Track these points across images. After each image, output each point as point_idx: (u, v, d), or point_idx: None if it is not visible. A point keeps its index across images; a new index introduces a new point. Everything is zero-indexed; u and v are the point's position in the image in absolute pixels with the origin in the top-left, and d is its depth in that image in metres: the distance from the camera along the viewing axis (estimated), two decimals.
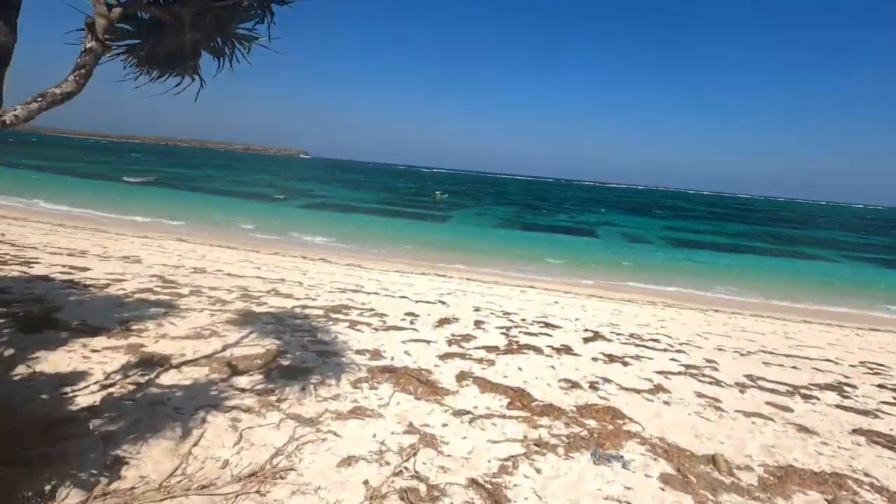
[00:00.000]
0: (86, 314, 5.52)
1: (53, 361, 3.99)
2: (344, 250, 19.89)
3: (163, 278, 8.92)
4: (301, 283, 10.60)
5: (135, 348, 4.55)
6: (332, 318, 7.04)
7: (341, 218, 31.68)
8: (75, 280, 7.63)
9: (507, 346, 6.61)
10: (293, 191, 50.99)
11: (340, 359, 5.03)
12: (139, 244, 15.23)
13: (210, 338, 5.23)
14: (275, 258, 15.65)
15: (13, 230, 14.69)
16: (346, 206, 39.49)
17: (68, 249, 11.65)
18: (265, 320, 6.43)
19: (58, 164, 55.09)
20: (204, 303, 7.12)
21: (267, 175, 77.18)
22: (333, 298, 8.88)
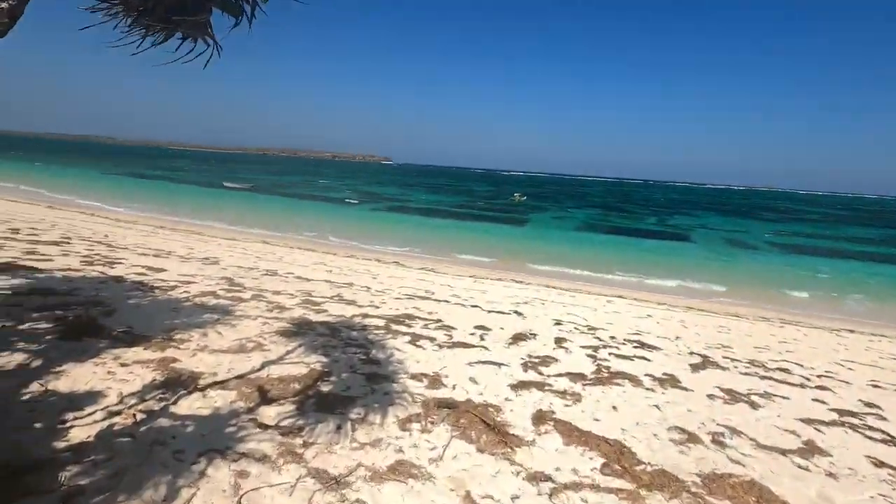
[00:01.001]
0: (135, 320, 5.22)
1: (74, 377, 3.56)
2: (417, 254, 19.41)
3: (231, 280, 8.78)
4: (369, 287, 10.07)
5: (166, 363, 4.06)
6: (392, 331, 6.29)
7: (417, 221, 31.52)
8: (145, 282, 7.61)
9: (595, 374, 5.43)
10: (373, 195, 52.20)
11: (392, 385, 4.22)
12: (225, 246, 15.77)
13: (252, 352, 4.67)
14: (349, 261, 15.45)
15: (118, 232, 15.82)
16: (423, 210, 39.45)
17: (156, 250, 12.12)
18: (319, 331, 5.82)
19: (172, 173, 61.23)
20: (261, 309, 6.70)
21: (351, 180, 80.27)
22: (399, 306, 8.17)
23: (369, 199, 46.78)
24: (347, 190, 56.92)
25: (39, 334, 4.37)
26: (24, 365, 3.69)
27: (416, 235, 24.55)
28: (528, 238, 27.30)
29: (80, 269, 7.96)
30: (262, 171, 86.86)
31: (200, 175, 62.80)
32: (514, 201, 55.18)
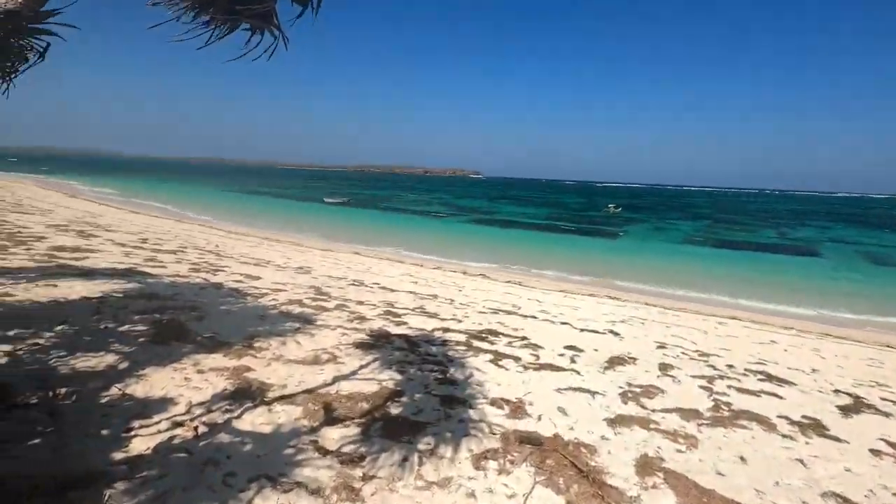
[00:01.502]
0: (222, 326, 5.33)
1: (152, 382, 3.57)
2: (504, 267, 18.83)
3: (318, 289, 8.93)
4: (452, 300, 9.75)
5: (240, 372, 3.98)
6: (473, 348, 5.85)
7: (505, 234, 30.95)
8: (241, 289, 7.94)
9: (713, 412, 4.52)
10: (461, 208, 52.52)
11: (468, 411, 3.76)
12: (319, 256, 16.46)
13: (325, 364, 4.48)
14: (435, 273, 15.33)
15: (228, 243, 17.21)
16: (511, 222, 38.77)
17: (257, 260, 12.89)
18: (396, 344, 5.55)
19: (280, 190, 66.83)
20: (342, 319, 6.62)
21: (441, 194, 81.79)
22: (482, 321, 7.72)
23: (458, 212, 47.11)
24: (437, 203, 57.94)
25: (134, 336, 4.55)
26: (112, 366, 3.78)
27: (503, 248, 24.01)
28: (625, 251, 25.49)
29: (187, 276, 8.55)
30: (359, 187, 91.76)
31: (304, 191, 67.79)
32: (608, 213, 52.44)
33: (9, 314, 4.77)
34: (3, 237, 10.49)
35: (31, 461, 2.33)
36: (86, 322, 4.81)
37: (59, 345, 4.08)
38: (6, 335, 4.14)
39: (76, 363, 3.73)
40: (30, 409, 2.91)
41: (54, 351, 3.92)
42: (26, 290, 5.77)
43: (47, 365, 3.62)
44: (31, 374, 3.43)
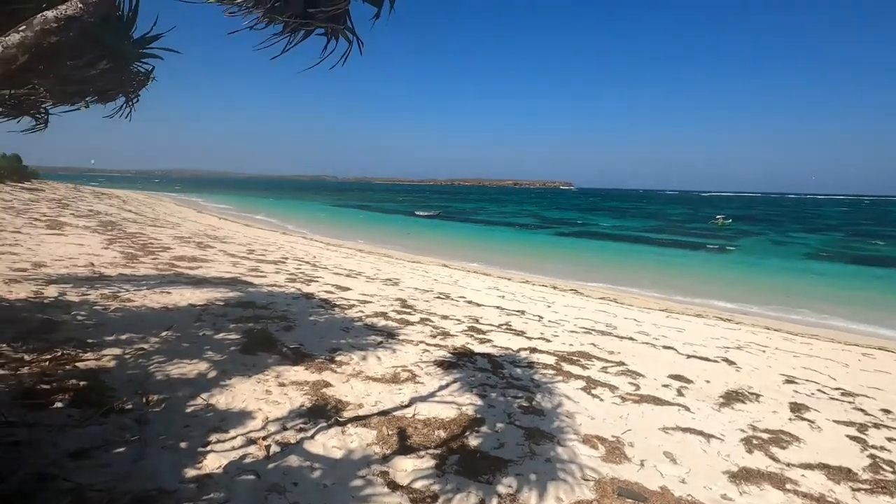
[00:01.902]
0: (308, 337, 5.39)
1: (235, 393, 3.61)
2: (598, 282, 17.73)
3: (404, 302, 8.90)
4: (541, 317, 9.23)
5: (318, 388, 3.91)
6: (563, 372, 5.35)
7: (599, 246, 29.40)
8: (330, 300, 8.14)
9: (871, 473, 3.61)
10: (552, 220, 51.10)
11: (556, 449, 3.33)
12: (408, 268, 16.70)
13: (404, 383, 4.29)
14: (523, 287, 14.81)
15: (325, 254, 18.12)
16: (605, 235, 36.82)
17: (349, 271, 13.33)
18: (479, 364, 5.23)
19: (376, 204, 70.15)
20: (425, 334, 6.46)
21: (530, 206, 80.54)
22: (573, 342, 7.14)
23: (547, 224, 45.88)
24: (526, 216, 57.02)
25: (226, 345, 4.71)
26: (203, 374, 3.90)
27: (595, 261, 22.75)
28: (736, 267, 22.91)
29: (283, 286, 8.98)
30: (449, 200, 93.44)
31: (397, 205, 70.48)
32: (716, 225, 47.90)
33: (126, 318, 5.21)
34: (137, 247, 11.87)
35: (112, 472, 2.35)
36: (188, 328, 5.10)
37: (161, 350, 4.32)
38: (119, 339, 4.47)
39: (172, 370, 3.89)
40: (123, 415, 3.01)
41: (156, 356, 4.14)
42: (144, 297, 6.33)
43: (147, 370, 3.81)
44: (132, 379, 3.61)
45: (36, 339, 4.08)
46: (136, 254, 10.73)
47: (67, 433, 2.62)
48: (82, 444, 2.55)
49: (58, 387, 3.25)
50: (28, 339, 4.06)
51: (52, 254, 9.19)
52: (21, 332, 4.20)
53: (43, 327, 4.42)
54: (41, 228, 13.38)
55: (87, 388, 3.32)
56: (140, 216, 24.23)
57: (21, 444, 2.39)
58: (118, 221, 19.04)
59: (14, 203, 21.06)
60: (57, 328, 4.48)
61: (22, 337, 4.09)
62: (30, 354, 3.74)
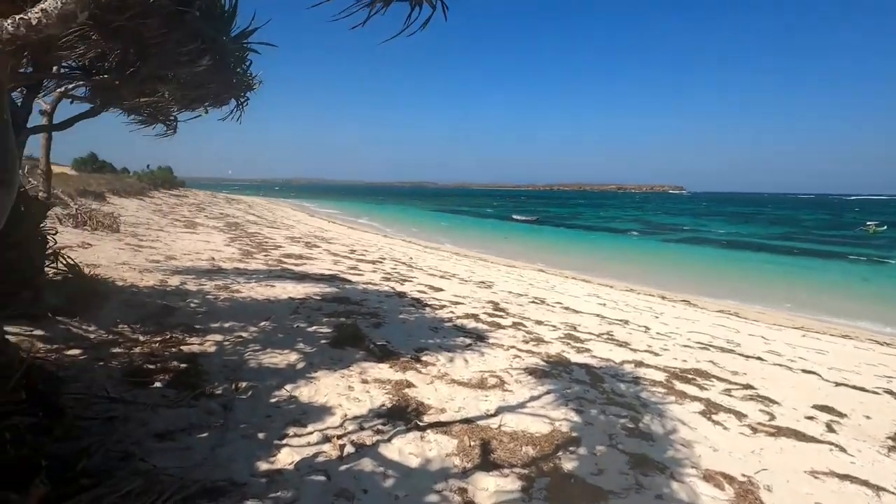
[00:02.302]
0: (395, 335, 5.29)
1: (318, 387, 3.56)
2: (714, 293, 15.85)
3: (497, 305, 8.57)
4: (647, 328, 8.34)
5: (402, 387, 3.74)
6: (675, 391, 4.64)
7: (715, 254, 26.48)
8: (422, 299, 8.08)
9: None
10: (660, 226, 47.38)
11: (669, 484, 2.77)
12: (503, 272, 16.32)
13: (491, 390, 3.96)
14: (627, 296, 13.70)
15: (422, 256, 18.41)
16: (723, 242, 33.14)
17: (443, 272, 13.32)
18: (575, 375, 4.73)
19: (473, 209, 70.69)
20: (517, 339, 6.06)
21: (636, 211, 75.67)
22: (686, 357, 6.28)
23: (654, 230, 42.59)
24: (630, 221, 53.58)
25: (317, 338, 4.76)
26: (291, 365, 3.92)
27: (711, 271, 20.48)
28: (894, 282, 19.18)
29: (378, 284, 9.12)
30: (548, 205, 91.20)
31: (494, 209, 70.29)
32: (867, 232, 40.91)
33: (232, 308, 5.52)
34: (253, 245, 12.94)
35: (190, 457, 2.33)
36: (284, 320, 5.26)
37: (257, 339, 4.46)
38: (223, 326, 4.70)
39: (264, 359, 3.97)
40: (212, 400, 3.06)
41: (252, 345, 4.27)
42: (251, 289, 6.73)
43: (241, 357, 3.92)
44: (227, 365, 3.72)
45: (153, 323, 4.42)
46: (251, 251, 11.68)
47: (159, 413, 2.70)
48: (169, 426, 2.59)
49: (161, 367, 3.42)
50: (146, 322, 4.40)
51: (182, 249, 10.30)
52: (142, 315, 4.59)
53: (161, 312, 4.80)
54: (179, 227, 15.22)
55: (186, 370, 3.46)
56: (260, 219, 26.73)
57: (115, 420, 2.49)
58: (241, 223, 21.11)
59: (163, 207, 24.38)
60: (172, 313, 4.84)
61: (142, 320, 4.45)
62: (144, 336, 4.03)
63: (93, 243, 8.61)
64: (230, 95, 5.39)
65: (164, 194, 33.96)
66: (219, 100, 5.31)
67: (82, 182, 23.39)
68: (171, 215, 19.72)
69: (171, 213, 20.69)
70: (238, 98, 5.45)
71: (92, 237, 9.38)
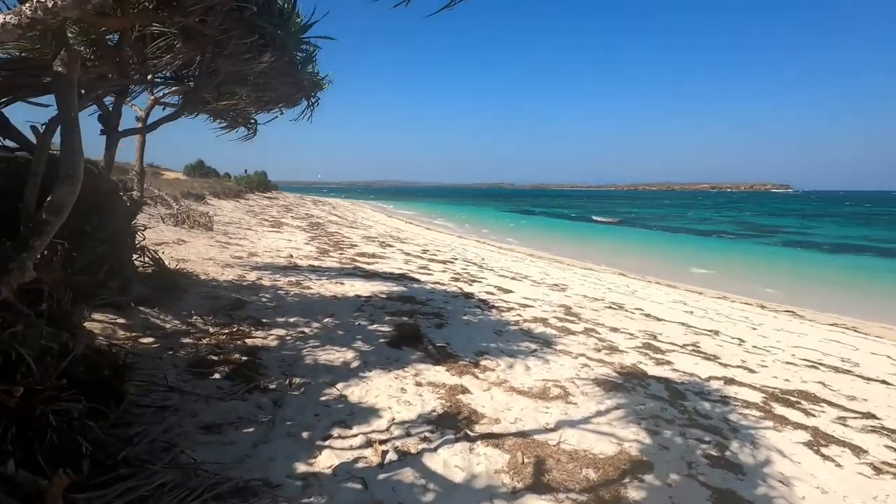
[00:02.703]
0: (456, 337, 5.13)
1: (370, 387, 3.47)
2: (824, 304, 13.96)
3: (569, 309, 8.12)
4: (742, 341, 7.46)
5: (455, 393, 3.55)
6: (773, 416, 4.01)
7: (827, 261, 23.43)
8: (489, 301, 7.84)
9: None
10: (760, 227, 43.02)
11: None
12: (579, 274, 15.58)
13: (553, 401, 3.65)
14: (719, 304, 12.47)
15: (495, 257, 18.14)
16: (838, 246, 29.29)
17: (515, 273, 12.96)
18: (652, 390, 4.25)
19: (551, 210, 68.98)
20: (588, 346, 5.64)
21: (731, 212, 69.49)
22: (790, 376, 5.48)
23: (753, 232, 38.74)
24: (725, 222, 49.23)
25: (377, 336, 4.71)
26: (347, 363, 3.89)
27: (819, 278, 18.12)
28: None
29: (446, 284, 9.02)
30: (631, 206, 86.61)
31: (573, 210, 68.02)
32: None
33: (300, 303, 5.66)
34: (331, 244, 13.45)
35: (231, 452, 2.32)
36: (347, 317, 5.29)
37: (318, 335, 4.50)
38: (288, 321, 4.81)
39: (321, 355, 3.97)
40: (265, 394, 3.08)
41: (312, 340, 4.30)
42: (321, 286, 6.90)
43: (300, 353, 3.95)
44: (285, 360, 3.76)
45: (224, 315, 4.62)
46: (327, 249, 12.13)
47: (210, 404, 2.73)
48: (217, 418, 2.61)
49: (223, 359, 3.52)
50: (219, 314, 4.61)
51: (265, 246, 10.93)
52: (216, 307, 4.82)
53: (234, 305, 5.02)
54: (266, 227, 16.26)
55: (245, 363, 3.53)
56: (341, 219, 27.92)
57: (168, 409, 2.55)
58: (323, 223, 22.16)
59: (255, 208, 26.30)
60: (243, 306, 5.04)
61: (215, 312, 4.67)
62: (214, 327, 4.20)
63: (188, 240, 9.37)
64: (301, 95, 5.54)
65: (258, 196, 36.70)
66: (291, 100, 5.49)
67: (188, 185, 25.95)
68: (260, 216, 21.19)
69: (261, 214, 22.22)
70: (308, 98, 5.59)
71: (188, 234, 10.23)
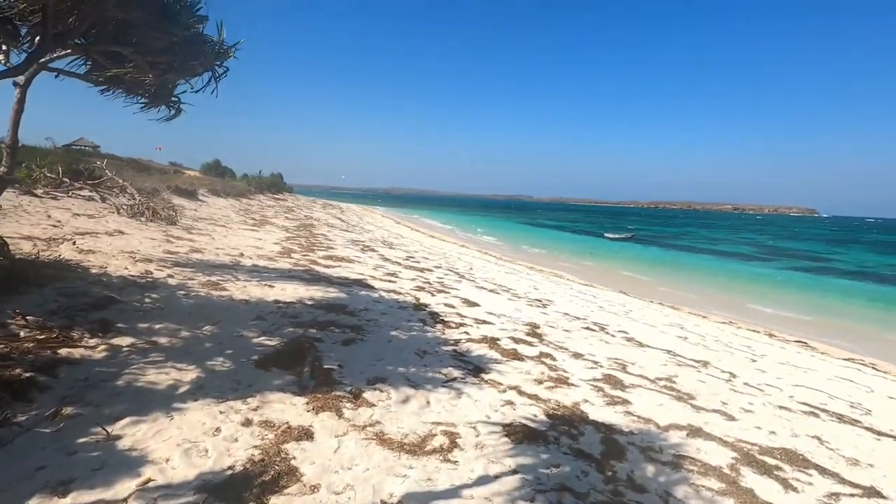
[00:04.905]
0: (360, 357, 4.23)
1: (171, 425, 2.60)
2: (842, 337, 12.63)
3: (534, 328, 7.12)
4: (733, 376, 6.38)
5: (287, 439, 2.61)
6: (738, 490, 2.98)
7: (848, 288, 21.82)
8: (441, 314, 6.91)
9: None
10: (780, 251, 41.11)
11: None
12: (574, 290, 14.49)
13: (425, 457, 2.69)
14: (721, 330, 11.30)
15: (488, 267, 17.15)
16: (860, 273, 27.50)
17: (497, 286, 11.96)
18: (581, 444, 3.25)
19: (562, 224, 67.64)
20: (529, 377, 4.64)
21: (751, 234, 67.12)
22: (778, 427, 4.41)
23: (772, 255, 36.94)
24: (744, 244, 47.32)
25: (250, 352, 3.82)
26: (173, 387, 3.01)
27: (837, 308, 16.69)
28: None
29: (403, 293, 8.04)
30: (648, 223, 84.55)
31: (585, 225, 66.52)
32: None
33: (193, 307, 4.81)
34: (304, 246, 12.63)
35: None
36: (235, 326, 4.42)
37: (171, 347, 3.64)
38: (151, 327, 3.96)
39: (149, 375, 3.10)
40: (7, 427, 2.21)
41: (155, 354, 3.45)
42: (241, 288, 6.05)
43: (121, 371, 3.08)
44: (90, 378, 2.89)
45: (65, 316, 3.78)
46: (295, 250, 11.33)
47: None
48: None
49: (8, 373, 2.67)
50: (59, 314, 3.77)
51: (224, 244, 10.17)
52: (66, 305, 3.99)
53: (94, 304, 4.19)
54: (246, 226, 15.56)
55: (24, 381, 2.67)
56: (342, 223, 27.20)
57: None
58: (315, 225, 21.41)
59: (252, 207, 25.76)
60: (107, 307, 4.21)
61: (59, 311, 3.84)
62: (33, 331, 3.36)
63: (129, 232, 8.65)
64: (202, 66, 4.76)
65: (266, 197, 36.36)
66: (186, 68, 4.70)
67: (186, 180, 25.59)
68: (251, 214, 20.58)
69: (253, 213, 21.62)
70: (211, 68, 4.80)
71: (137, 226, 9.53)
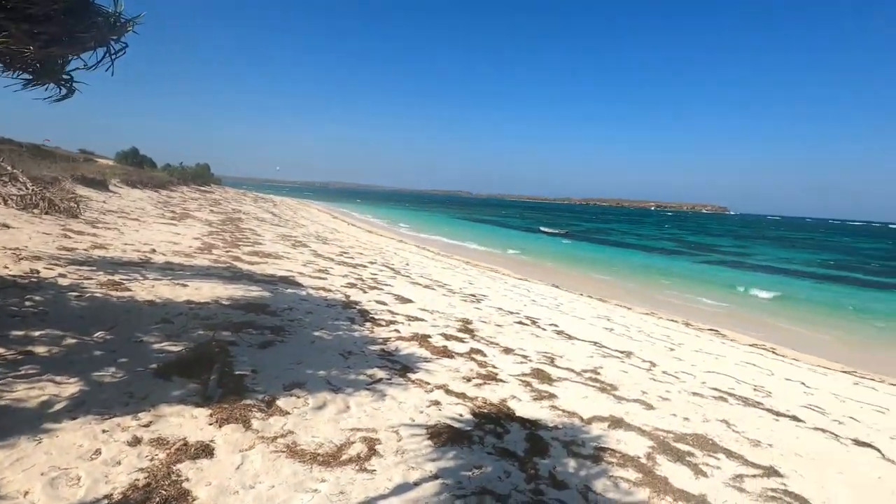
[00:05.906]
0: (277, 361, 3.96)
1: (31, 453, 2.23)
2: (746, 325, 13.76)
3: (466, 325, 7.09)
4: (653, 364, 6.68)
5: (182, 457, 2.34)
6: (654, 479, 3.06)
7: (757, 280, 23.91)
8: (371, 312, 6.70)
9: None
10: (698, 246, 44.39)
11: None
12: (509, 285, 14.69)
13: (339, 468, 2.50)
14: (644, 320, 11.89)
15: (424, 263, 17.03)
16: (768, 268, 30.25)
17: (432, 281, 11.88)
18: (506, 442, 3.21)
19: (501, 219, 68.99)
20: (458, 374, 4.58)
21: (673, 229, 72.03)
22: (692, 413, 4.64)
23: (690, 250, 39.80)
24: (665, 239, 50.63)
25: (150, 359, 3.44)
26: (47, 403, 2.63)
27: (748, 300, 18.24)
28: None
29: (332, 291, 7.73)
30: (581, 219, 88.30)
31: (522, 221, 68.29)
32: None
33: (85, 310, 4.29)
34: (227, 241, 11.86)
35: None
36: (133, 332, 3.98)
37: (52, 357, 3.19)
38: (28, 335, 3.46)
39: (18, 391, 2.69)
40: None
41: (28, 367, 2.98)
42: (150, 288, 5.51)
43: None
44: None
45: None
46: (216, 245, 10.60)
47: None
48: None
49: None
50: None
51: (133, 239, 9.30)
52: None
53: None
54: (163, 220, 14.38)
55: None
56: (274, 217, 25.96)
57: None
58: (243, 219, 20.26)
59: (173, 199, 23.97)
60: None
61: None
62: None
63: (17, 226, 7.67)
64: (94, 41, 4.23)
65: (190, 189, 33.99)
66: (75, 41, 4.15)
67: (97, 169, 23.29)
68: (170, 207, 19.11)
69: (173, 206, 20.11)
70: (106, 43, 4.28)
71: (28, 220, 8.48)
